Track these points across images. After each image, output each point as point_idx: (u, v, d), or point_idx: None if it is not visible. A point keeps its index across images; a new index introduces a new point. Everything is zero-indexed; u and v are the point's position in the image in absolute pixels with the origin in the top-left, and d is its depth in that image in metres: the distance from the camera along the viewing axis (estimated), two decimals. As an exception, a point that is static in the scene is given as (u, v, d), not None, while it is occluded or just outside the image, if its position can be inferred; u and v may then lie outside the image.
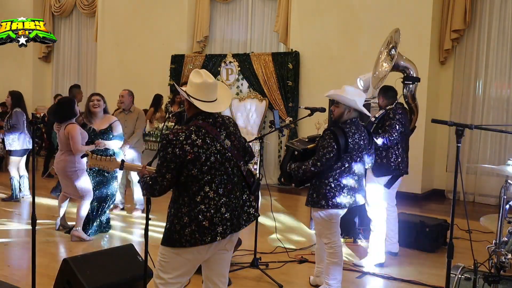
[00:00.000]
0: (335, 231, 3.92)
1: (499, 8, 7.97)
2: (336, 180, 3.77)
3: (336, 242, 3.89)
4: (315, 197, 3.82)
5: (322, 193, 3.78)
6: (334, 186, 3.77)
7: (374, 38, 7.98)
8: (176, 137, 2.59)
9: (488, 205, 7.89)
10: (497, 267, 2.99)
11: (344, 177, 3.79)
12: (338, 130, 3.76)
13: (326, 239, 3.90)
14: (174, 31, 10.69)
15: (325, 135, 3.78)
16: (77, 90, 7.59)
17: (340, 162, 3.76)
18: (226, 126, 2.77)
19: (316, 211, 3.89)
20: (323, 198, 3.77)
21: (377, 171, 4.71)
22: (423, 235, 5.34)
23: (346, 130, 3.76)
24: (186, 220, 2.60)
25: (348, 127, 3.79)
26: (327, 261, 3.91)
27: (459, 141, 2.82)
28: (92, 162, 3.06)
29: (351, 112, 3.83)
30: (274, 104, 9.25)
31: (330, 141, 3.71)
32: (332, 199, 3.76)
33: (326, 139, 3.75)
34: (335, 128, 3.78)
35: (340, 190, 3.78)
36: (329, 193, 3.76)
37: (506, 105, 7.97)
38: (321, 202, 3.78)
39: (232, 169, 2.75)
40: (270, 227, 5.83)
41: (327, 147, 3.71)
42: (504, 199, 3.17)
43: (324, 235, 3.91)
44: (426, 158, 8.10)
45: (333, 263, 3.87)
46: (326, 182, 3.77)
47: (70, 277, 3.60)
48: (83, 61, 13.12)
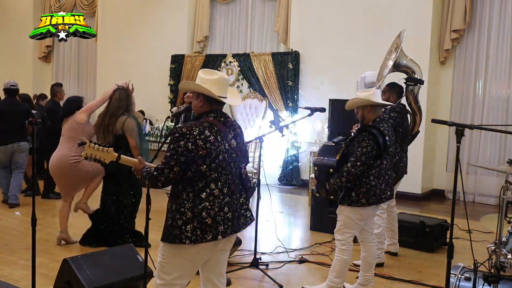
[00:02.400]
0: (353, 232, 3.92)
1: (499, 8, 7.96)
2: (376, 178, 3.78)
3: (350, 241, 3.90)
4: (354, 196, 3.77)
5: (362, 192, 3.76)
6: (375, 184, 3.78)
7: (374, 38, 8.00)
8: (190, 131, 2.58)
9: (488, 205, 7.90)
10: (497, 267, 2.99)
11: (382, 174, 3.82)
12: (374, 129, 3.76)
13: (341, 236, 3.89)
14: (174, 31, 10.69)
15: (363, 136, 3.75)
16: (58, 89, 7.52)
17: (379, 160, 3.79)
18: (234, 127, 2.80)
19: (347, 209, 3.83)
20: (363, 197, 3.76)
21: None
22: (423, 235, 5.34)
23: (382, 129, 3.78)
24: (189, 216, 2.59)
25: (382, 125, 3.82)
26: (336, 258, 3.90)
27: (459, 141, 2.81)
28: (89, 150, 2.96)
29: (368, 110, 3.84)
30: (274, 104, 9.25)
31: (369, 141, 3.71)
32: (373, 196, 3.77)
33: (364, 139, 3.73)
34: (370, 128, 3.78)
35: (380, 186, 3.80)
36: (369, 191, 3.76)
37: (506, 105, 7.96)
38: (361, 201, 3.76)
39: (236, 170, 2.76)
40: (270, 227, 5.83)
41: (365, 146, 3.70)
42: (504, 199, 3.17)
43: (341, 232, 3.89)
44: (426, 158, 8.10)
45: (343, 260, 3.87)
46: (367, 181, 3.76)
47: (70, 277, 3.60)
48: (83, 61, 13.11)
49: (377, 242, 4.76)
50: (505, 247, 3.08)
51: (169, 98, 10.58)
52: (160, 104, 10.58)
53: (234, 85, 9.67)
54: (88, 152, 2.97)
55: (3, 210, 6.70)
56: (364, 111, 3.86)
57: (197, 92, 2.75)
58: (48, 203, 7.08)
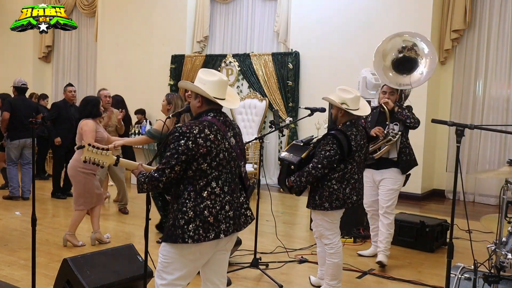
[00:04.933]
0: (336, 231, 3.92)
1: (499, 8, 7.97)
2: (338, 182, 3.75)
3: (337, 243, 3.89)
4: (318, 199, 3.79)
5: (325, 196, 3.75)
6: (337, 188, 3.75)
7: (374, 38, 7.97)
8: (189, 130, 2.59)
9: (488, 205, 7.90)
10: (497, 267, 2.99)
11: (346, 178, 3.77)
12: (340, 133, 3.73)
13: (327, 240, 3.89)
14: (174, 31, 10.69)
15: (327, 139, 3.74)
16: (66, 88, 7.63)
17: (343, 164, 3.75)
18: (233, 127, 2.81)
19: (318, 213, 3.87)
20: (326, 201, 3.75)
21: (406, 168, 4.73)
22: (423, 235, 5.34)
23: (348, 134, 3.74)
24: (191, 215, 2.59)
25: (349, 129, 3.78)
26: (328, 262, 3.90)
27: (459, 141, 2.81)
28: (87, 154, 2.94)
29: (343, 112, 3.81)
30: (274, 104, 9.25)
31: (333, 145, 3.69)
32: (336, 201, 3.75)
33: (328, 143, 3.71)
34: (336, 132, 3.75)
35: (343, 191, 3.76)
36: (332, 195, 3.74)
37: (506, 105, 7.96)
38: (324, 205, 3.76)
39: (236, 169, 2.76)
40: (270, 227, 5.83)
41: (329, 150, 3.69)
42: (504, 199, 3.17)
43: (325, 237, 3.90)
44: (426, 158, 8.09)
45: (334, 263, 3.87)
46: (329, 184, 3.75)
47: (70, 277, 3.60)
48: (83, 61, 13.12)
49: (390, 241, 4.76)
50: (505, 247, 3.08)
51: (169, 98, 10.57)
52: (160, 104, 10.53)
53: (234, 85, 9.67)
54: (87, 156, 2.95)
55: (3, 210, 6.71)
56: (338, 113, 3.84)
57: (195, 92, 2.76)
58: (48, 203, 7.08)
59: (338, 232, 3.95)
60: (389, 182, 4.70)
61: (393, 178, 4.71)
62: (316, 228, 3.98)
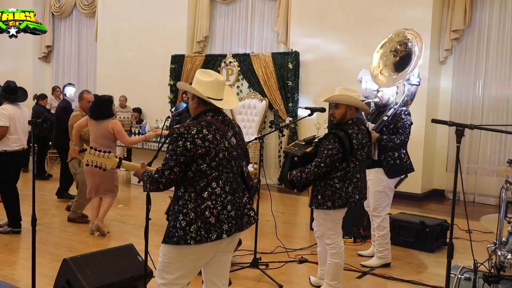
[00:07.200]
0: (338, 231, 3.92)
1: (499, 8, 7.97)
2: (341, 181, 3.75)
3: (339, 243, 3.89)
4: (320, 198, 3.78)
5: (327, 195, 3.75)
6: (340, 187, 3.74)
7: (374, 38, 7.98)
8: (187, 131, 2.59)
9: (488, 205, 7.90)
10: (497, 267, 2.99)
11: (348, 177, 3.77)
12: (341, 132, 3.73)
13: (329, 240, 3.88)
14: (174, 31, 10.70)
15: (329, 138, 3.74)
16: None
17: (345, 163, 3.75)
18: (233, 126, 2.80)
19: (320, 212, 3.86)
20: (329, 200, 3.74)
21: (392, 173, 4.69)
22: (423, 235, 5.34)
23: (350, 132, 3.74)
24: (192, 216, 2.58)
25: (351, 128, 3.78)
26: (329, 262, 3.90)
27: (459, 141, 2.81)
28: (89, 157, 2.94)
29: (352, 111, 3.82)
30: (274, 104, 9.25)
31: (335, 144, 3.68)
32: (338, 199, 3.74)
33: (330, 141, 3.71)
34: (337, 131, 3.75)
35: (346, 190, 3.75)
36: (335, 194, 3.74)
37: (506, 105, 7.97)
38: (327, 204, 3.75)
39: (237, 169, 2.76)
40: (270, 227, 5.83)
41: (331, 148, 3.68)
42: (504, 199, 3.17)
43: (326, 236, 3.90)
44: (426, 158, 8.10)
45: (336, 263, 3.87)
46: (331, 183, 3.74)
47: (70, 277, 3.60)
48: (83, 61, 13.13)
49: (384, 243, 4.76)
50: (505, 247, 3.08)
51: (169, 98, 10.58)
52: (160, 104, 10.58)
53: (234, 85, 9.68)
54: (89, 159, 2.96)
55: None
56: (347, 110, 3.82)
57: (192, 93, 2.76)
58: (49, 203, 7.08)
59: (340, 232, 3.95)
60: (373, 183, 4.70)
61: (376, 179, 4.70)
62: (318, 227, 3.98)
